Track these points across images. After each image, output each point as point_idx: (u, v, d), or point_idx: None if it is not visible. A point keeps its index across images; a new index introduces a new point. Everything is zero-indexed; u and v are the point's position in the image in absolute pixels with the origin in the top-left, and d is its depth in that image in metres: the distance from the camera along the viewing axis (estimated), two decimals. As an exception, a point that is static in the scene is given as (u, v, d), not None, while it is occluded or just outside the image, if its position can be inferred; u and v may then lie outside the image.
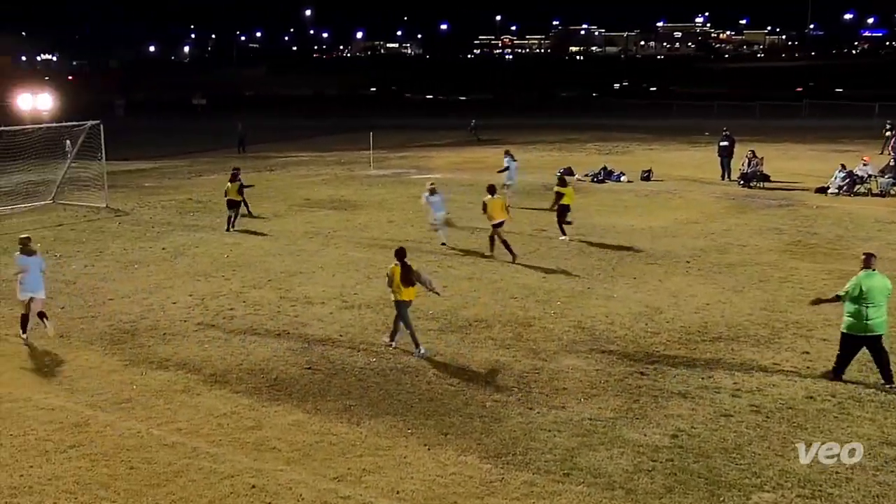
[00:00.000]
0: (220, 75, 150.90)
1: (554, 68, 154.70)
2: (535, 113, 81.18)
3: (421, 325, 16.59)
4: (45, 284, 16.35)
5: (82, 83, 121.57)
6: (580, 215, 28.15)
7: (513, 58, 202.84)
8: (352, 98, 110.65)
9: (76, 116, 39.90)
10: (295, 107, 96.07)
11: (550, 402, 12.94)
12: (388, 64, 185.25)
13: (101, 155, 32.23)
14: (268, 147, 55.30)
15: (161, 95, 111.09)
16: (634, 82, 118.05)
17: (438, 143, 57.07)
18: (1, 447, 11.56)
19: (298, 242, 24.50)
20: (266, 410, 12.75)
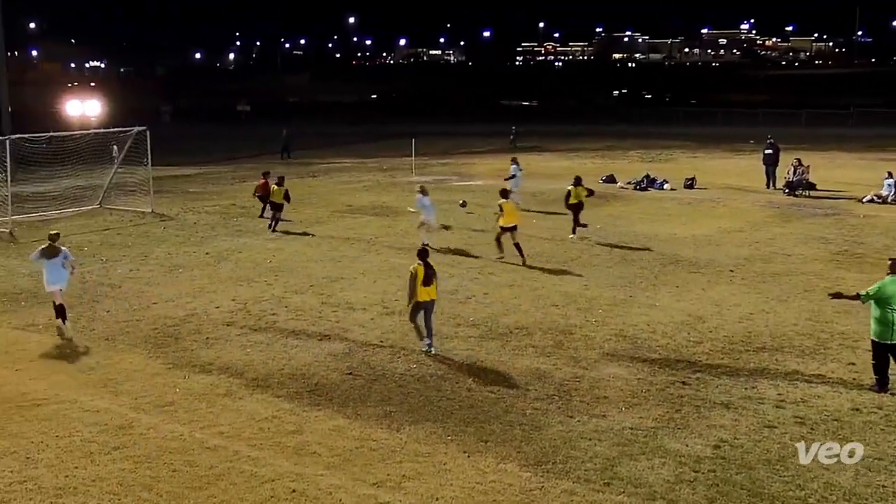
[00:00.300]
0: (264, 82, 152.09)
1: (597, 75, 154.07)
2: (577, 120, 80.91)
3: (461, 332, 16.61)
4: (68, 277, 17.23)
5: (129, 90, 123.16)
6: (623, 223, 28.06)
7: (560, 65, 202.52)
8: (394, 105, 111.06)
9: (123, 122, 40.49)
10: (338, 113, 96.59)
11: (591, 411, 12.87)
12: (430, 71, 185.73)
13: (147, 160, 32.63)
14: (311, 153, 55.63)
15: (206, 102, 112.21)
16: (677, 89, 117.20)
17: (480, 149, 57.06)
18: (47, 448, 11.73)
19: (340, 248, 24.61)
20: (307, 415, 12.81)
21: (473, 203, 32.07)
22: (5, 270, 22.23)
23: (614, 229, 27.11)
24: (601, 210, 30.90)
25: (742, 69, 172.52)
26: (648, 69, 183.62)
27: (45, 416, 12.78)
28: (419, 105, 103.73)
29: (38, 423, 12.56)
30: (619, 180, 37.72)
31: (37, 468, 11.16)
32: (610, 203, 32.71)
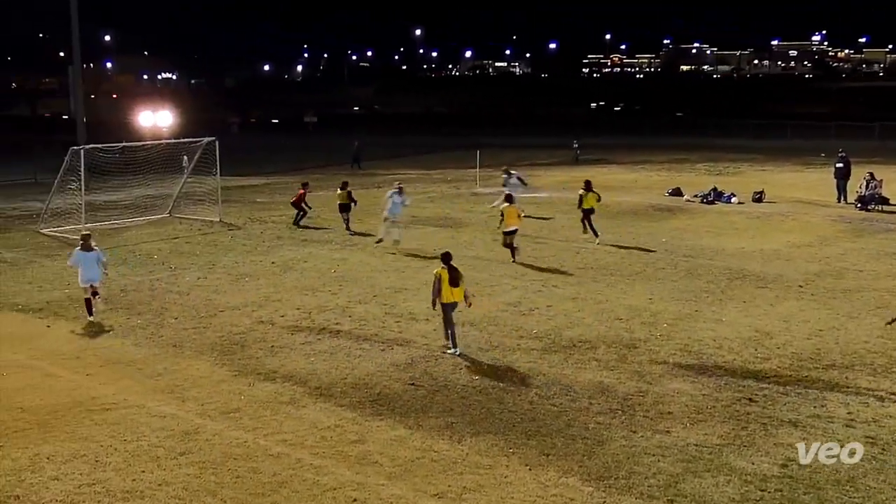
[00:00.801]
0: (331, 94, 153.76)
1: (664, 87, 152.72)
2: (643, 132, 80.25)
3: (524, 345, 16.55)
4: (101, 274, 18.93)
5: (199, 101, 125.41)
6: (689, 237, 27.73)
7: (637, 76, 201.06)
8: (459, 116, 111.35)
9: (193, 133, 41.24)
10: (403, 125, 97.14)
11: (655, 426, 12.71)
12: (495, 82, 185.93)
13: (216, 170, 33.17)
14: (376, 164, 56.03)
15: (274, 113, 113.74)
16: (746, 101, 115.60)
17: (545, 161, 56.88)
18: (115, 452, 11.96)
19: (404, 259, 24.71)
20: (369, 424, 12.87)
21: (538, 216, 32.00)
22: (78, 277, 22.68)
23: (680, 243, 26.79)
24: (667, 223, 30.59)
25: (813, 81, 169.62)
26: (716, 81, 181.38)
27: (113, 421, 13.04)
28: (484, 117, 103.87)
29: (108, 427, 12.82)
30: (686, 193, 37.28)
31: (105, 471, 11.39)
32: (676, 216, 32.34)
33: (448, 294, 16.10)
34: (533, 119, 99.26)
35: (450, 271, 16.20)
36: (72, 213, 29.73)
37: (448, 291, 16.06)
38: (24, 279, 22.30)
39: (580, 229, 27.10)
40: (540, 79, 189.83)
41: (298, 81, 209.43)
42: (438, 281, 16.10)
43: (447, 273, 16.15)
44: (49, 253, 26.00)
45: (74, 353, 16.33)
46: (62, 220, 29.66)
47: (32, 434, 12.58)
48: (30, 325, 18.42)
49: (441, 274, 16.14)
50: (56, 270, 23.51)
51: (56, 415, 13.27)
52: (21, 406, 13.64)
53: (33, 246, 27.05)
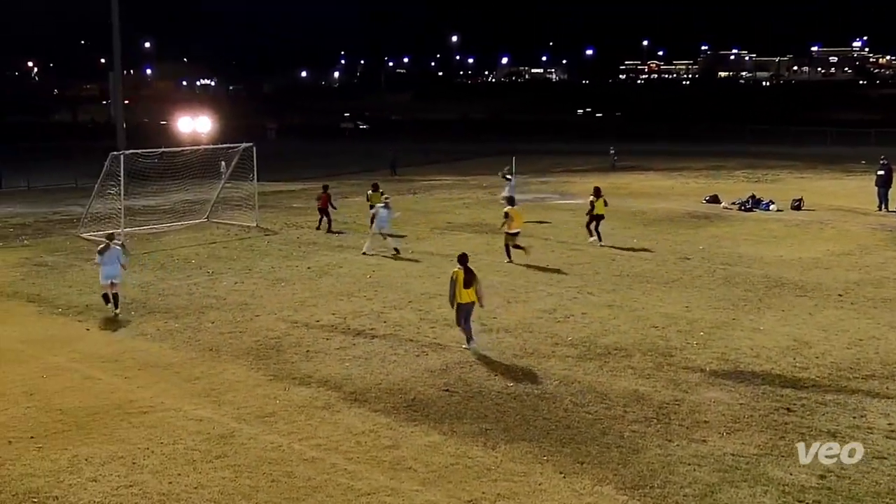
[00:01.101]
0: (368, 100, 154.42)
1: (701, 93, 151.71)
2: (681, 138, 79.78)
3: (559, 352, 16.50)
4: (122, 272, 19.89)
5: (237, 107, 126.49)
6: (727, 244, 27.51)
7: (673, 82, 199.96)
8: (495, 123, 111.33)
9: (231, 139, 41.59)
10: (439, 131, 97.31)
11: (691, 435, 12.61)
12: (531, 89, 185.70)
13: (253, 176, 33.44)
14: (412, 170, 56.20)
15: (311, 119, 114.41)
16: (785, 108, 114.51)
17: (580, 167, 56.74)
18: (152, 454, 12.07)
19: (439, 265, 24.71)
20: (403, 430, 12.89)
21: (573, 222, 31.93)
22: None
23: (717, 250, 26.58)
24: (704, 231, 30.37)
25: (854, 87, 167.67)
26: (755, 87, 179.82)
27: (150, 424, 13.16)
28: (520, 123, 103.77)
29: (145, 429, 12.94)
30: (723, 200, 37.01)
31: (142, 474, 11.49)
32: (713, 223, 32.10)
33: (462, 295, 16.49)
34: (568, 125, 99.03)
35: (465, 273, 16.55)
36: (111, 217, 30.09)
37: (461, 292, 16.48)
38: (65, 283, 22.59)
39: (616, 237, 27.00)
40: (576, 85, 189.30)
41: (335, 88, 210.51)
42: (454, 283, 16.48)
43: (462, 274, 16.50)
44: (89, 257, 26.23)
45: (113, 356, 16.51)
46: (102, 225, 30.00)
47: (71, 436, 12.73)
48: (69, 327, 18.66)
49: (458, 275, 16.49)
50: (95, 274, 23.71)
51: (94, 417, 13.42)
52: (60, 408, 13.81)
53: (73, 250, 27.40)
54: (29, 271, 23.97)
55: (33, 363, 16.12)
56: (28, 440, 12.56)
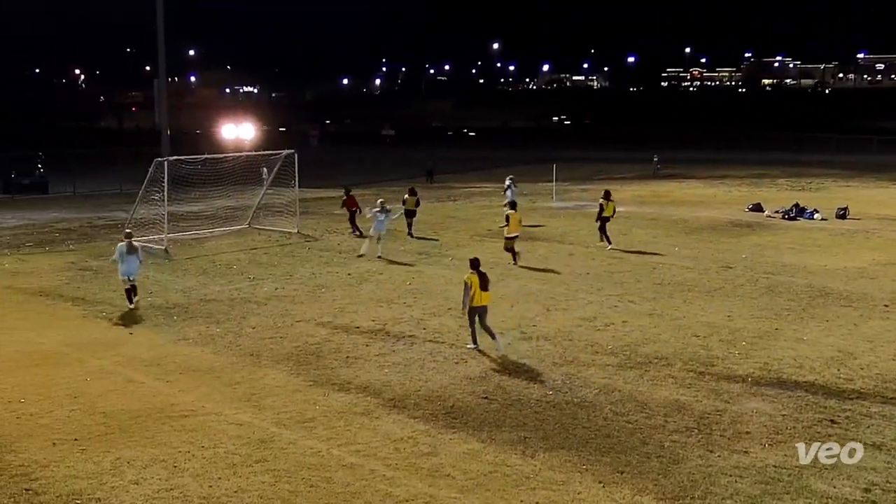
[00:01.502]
0: (409, 107, 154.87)
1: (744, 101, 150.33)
2: (724, 146, 79.08)
3: (599, 360, 16.40)
4: (139, 268, 20.99)
5: (280, 114, 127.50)
6: (770, 253, 27.21)
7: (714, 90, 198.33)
8: (536, 130, 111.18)
9: (273, 145, 41.92)
10: (480, 138, 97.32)
11: (732, 446, 12.47)
12: (573, 96, 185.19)
13: (295, 182, 33.66)
14: (452, 178, 56.26)
15: (352, 126, 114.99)
16: (830, 116, 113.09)
17: (622, 175, 56.45)
18: (193, 458, 12.17)
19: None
20: (442, 437, 12.88)
21: (614, 230, 31.76)
22: (160, 285, 23.25)
23: (760, 259, 26.30)
24: (746, 239, 30.07)
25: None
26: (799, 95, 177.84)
27: (192, 427, 13.28)
28: (561, 130, 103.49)
29: (186, 433, 13.06)
30: (767, 209, 36.62)
31: (183, 477, 11.59)
32: (756, 232, 31.77)
33: (479, 298, 16.81)
34: (610, 133, 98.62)
35: (480, 277, 16.88)
36: (155, 222, 30.41)
37: (479, 295, 16.79)
38: (109, 287, 22.87)
39: (657, 245, 26.82)
40: (617, 92, 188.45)
41: (377, 95, 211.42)
42: (470, 286, 16.74)
43: (478, 279, 16.83)
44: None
45: (155, 360, 16.69)
46: (145, 230, 30.35)
47: (114, 438, 12.88)
48: (114, 331, 18.89)
49: (472, 280, 16.78)
50: (139, 279, 24.03)
51: (137, 420, 13.57)
52: (104, 411, 13.98)
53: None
54: (74, 275, 24.31)
55: (77, 366, 16.34)
56: (72, 442, 12.72)
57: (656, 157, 57.74)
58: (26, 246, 29.86)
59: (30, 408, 14.11)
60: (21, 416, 13.80)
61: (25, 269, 25.59)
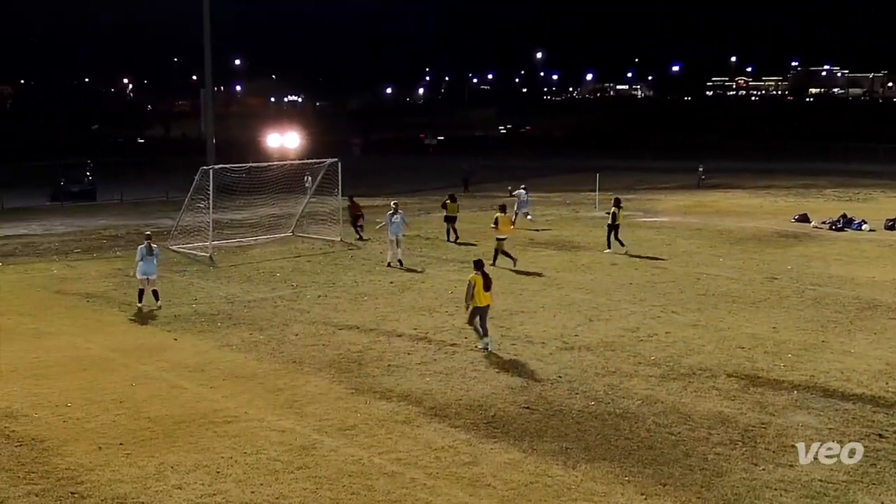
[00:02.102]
0: (452, 116, 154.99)
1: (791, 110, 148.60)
2: (769, 156, 78.19)
3: (642, 371, 16.29)
4: (158, 269, 21.98)
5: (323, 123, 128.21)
6: (816, 264, 26.86)
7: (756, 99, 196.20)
8: (579, 139, 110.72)
9: (316, 154, 42.17)
10: (522, 147, 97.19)
11: (777, 460, 12.31)
12: (616, 105, 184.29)
13: (338, 191, 33.85)
14: (495, 186, 56.12)
15: (395, 135, 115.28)
16: (879, 125, 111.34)
17: (666, 185, 56.03)
18: (235, 464, 12.26)
19: (521, 281, 24.66)
20: (483, 447, 12.85)
21: (657, 240, 31.58)
22: (205, 292, 23.49)
23: (807, 270, 25.96)
24: (792, 250, 29.70)
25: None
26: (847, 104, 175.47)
27: (234, 433, 13.38)
28: (604, 140, 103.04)
29: (229, 439, 13.16)
30: (813, 219, 36.14)
31: (225, 483, 11.68)
32: (803, 243, 31.37)
33: (481, 298, 17.50)
34: (653, 141, 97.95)
35: (483, 277, 17.60)
36: (200, 230, 30.75)
37: (481, 295, 17.48)
38: (155, 293, 23.14)
39: (701, 255, 26.60)
40: (662, 101, 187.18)
41: (420, 104, 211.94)
42: (473, 286, 17.40)
43: (482, 279, 17.52)
44: (178, 269, 26.94)
45: (199, 366, 16.86)
46: (191, 238, 30.71)
47: (158, 443, 13.03)
48: (159, 337, 19.12)
49: (476, 280, 17.46)
50: (184, 286, 24.35)
51: (181, 425, 13.71)
52: (148, 416, 14.14)
53: (163, 262, 27.93)
54: (121, 282, 24.62)
55: (123, 371, 16.56)
56: (117, 447, 12.88)
57: (701, 167, 57.17)
58: (74, 252, 30.34)
59: (76, 412, 14.33)
60: (68, 420, 14.00)
61: (73, 275, 26.01)
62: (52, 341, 18.71)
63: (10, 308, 21.81)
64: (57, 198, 49.76)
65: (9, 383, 15.82)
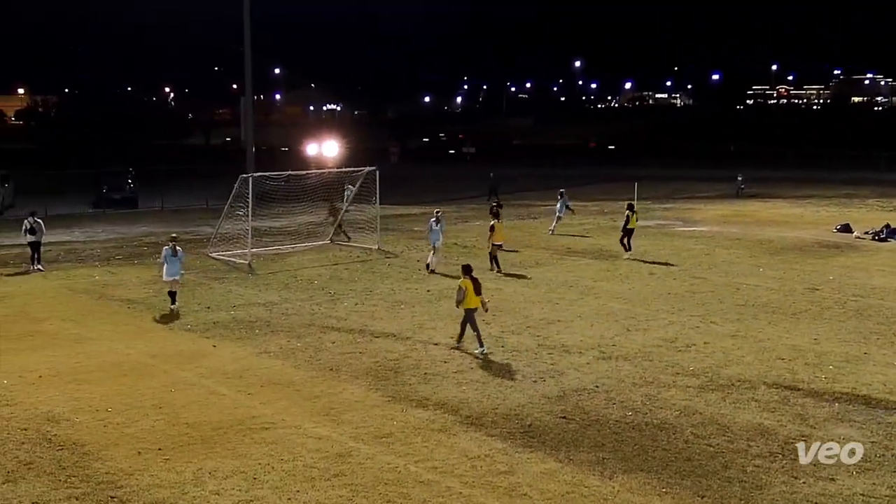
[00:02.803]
0: (490, 125, 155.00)
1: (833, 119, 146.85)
2: (811, 165, 77.34)
3: (680, 382, 16.15)
4: (181, 271, 22.75)
5: (362, 131, 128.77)
6: (859, 275, 26.51)
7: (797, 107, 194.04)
8: (618, 148, 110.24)
9: (355, 162, 42.37)
10: (561, 156, 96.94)
11: (818, 473, 12.14)
12: (655, 114, 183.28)
13: (376, 199, 33.96)
14: (532, 195, 56.04)
15: (432, 143, 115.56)
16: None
17: (705, 194, 55.59)
18: (272, 470, 12.33)
19: (558, 291, 24.58)
20: (519, 456, 12.81)
21: (696, 250, 31.36)
22: (243, 299, 23.67)
23: (848, 281, 25.61)
24: (834, 260, 29.33)
25: None
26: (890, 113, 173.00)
27: (271, 440, 13.46)
28: (643, 148, 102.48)
29: (266, 445, 13.24)
30: (856, 230, 35.67)
31: (262, 489, 11.74)
32: (844, 253, 30.97)
33: (472, 301, 18.21)
34: (692, 150, 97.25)
35: (473, 282, 18.34)
36: (239, 238, 31.00)
37: (472, 299, 18.21)
38: (194, 300, 23.37)
39: (741, 265, 26.35)
40: (700, 110, 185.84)
41: (457, 113, 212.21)
42: (464, 291, 18.17)
43: (472, 283, 18.27)
44: (217, 276, 27.18)
45: (237, 373, 16.97)
46: (230, 245, 30.96)
47: (196, 449, 13.13)
48: (197, 344, 19.28)
49: (466, 284, 18.23)
50: (223, 293, 24.55)
51: (218, 431, 13.81)
52: (187, 421, 14.26)
53: (202, 269, 28.33)
54: (161, 288, 24.83)
55: (163, 377, 16.72)
56: (156, 452, 13.00)
57: (740, 176, 56.65)
58: (116, 259, 30.71)
59: (116, 417, 14.48)
60: (108, 424, 14.16)
61: (114, 282, 26.32)
62: (93, 346, 18.94)
63: (52, 314, 22.13)
64: (99, 205, 50.39)
65: (51, 388, 16.04)
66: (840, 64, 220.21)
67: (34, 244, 28.16)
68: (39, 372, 16.98)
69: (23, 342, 19.35)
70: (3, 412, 14.74)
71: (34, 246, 28.20)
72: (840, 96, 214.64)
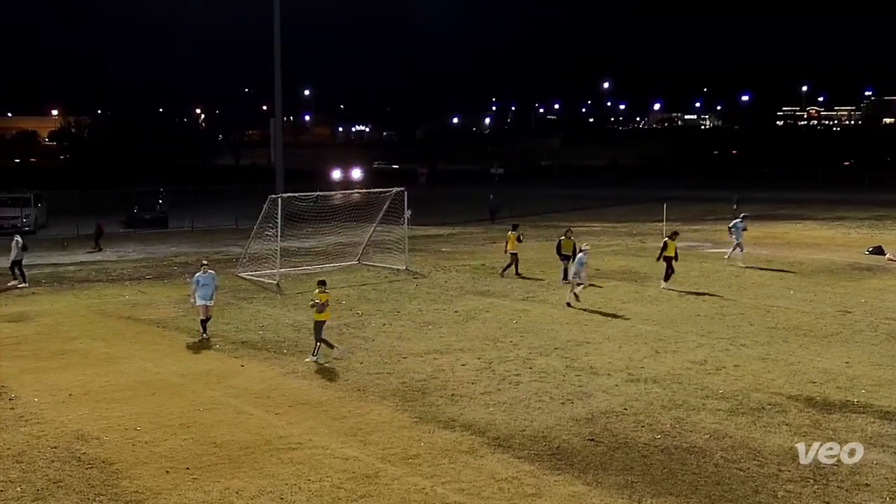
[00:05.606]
0: (518, 145, 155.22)
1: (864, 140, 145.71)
2: (842, 187, 76.78)
3: (709, 405, 16.00)
4: (215, 295, 21.96)
5: (390, 152, 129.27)
6: (891, 298, 26.22)
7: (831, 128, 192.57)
8: (646, 169, 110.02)
9: (383, 183, 42.52)
10: (589, 176, 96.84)
11: (851, 499, 11.96)
12: (684, 135, 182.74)
13: (404, 220, 34.02)
14: (559, 216, 56.00)
15: (461, 164, 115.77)
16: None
17: (731, 216, 55.19)
18: (299, 490, 12.32)
19: (586, 312, 24.47)
20: (547, 479, 12.73)
21: (726, 272, 31.17)
22: (272, 319, 23.77)
23: (881, 304, 25.31)
24: (866, 283, 29.01)
25: None
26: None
27: (299, 460, 13.46)
28: (670, 169, 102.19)
29: (293, 466, 13.24)
30: (889, 252, 35.27)
31: (289, 509, 11.74)
32: (877, 276, 30.62)
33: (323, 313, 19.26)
34: (721, 171, 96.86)
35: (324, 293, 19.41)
36: (268, 258, 31.16)
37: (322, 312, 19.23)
38: (223, 320, 23.48)
39: (771, 287, 26.11)
40: (730, 131, 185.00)
41: (486, 133, 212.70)
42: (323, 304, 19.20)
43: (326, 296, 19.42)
44: (246, 296, 27.32)
45: (265, 393, 17.02)
46: (258, 265, 31.13)
47: (224, 468, 13.16)
48: (226, 363, 19.36)
49: (322, 297, 19.19)
50: (252, 313, 24.66)
51: (246, 451, 13.83)
52: (215, 441, 14.30)
53: (231, 289, 28.48)
54: (190, 308, 24.98)
55: (191, 396, 16.79)
56: (184, 471, 13.04)
57: (736, 195, 56.50)
58: (146, 279, 30.97)
59: (145, 436, 14.56)
60: (136, 443, 14.23)
61: (144, 301, 26.53)
62: (122, 366, 19.07)
63: (83, 332, 22.33)
64: (130, 224, 50.93)
65: (81, 406, 16.16)
66: (872, 84, 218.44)
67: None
68: (70, 390, 17.12)
69: (54, 361, 19.54)
70: (34, 430, 14.87)
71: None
72: (871, 117, 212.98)
